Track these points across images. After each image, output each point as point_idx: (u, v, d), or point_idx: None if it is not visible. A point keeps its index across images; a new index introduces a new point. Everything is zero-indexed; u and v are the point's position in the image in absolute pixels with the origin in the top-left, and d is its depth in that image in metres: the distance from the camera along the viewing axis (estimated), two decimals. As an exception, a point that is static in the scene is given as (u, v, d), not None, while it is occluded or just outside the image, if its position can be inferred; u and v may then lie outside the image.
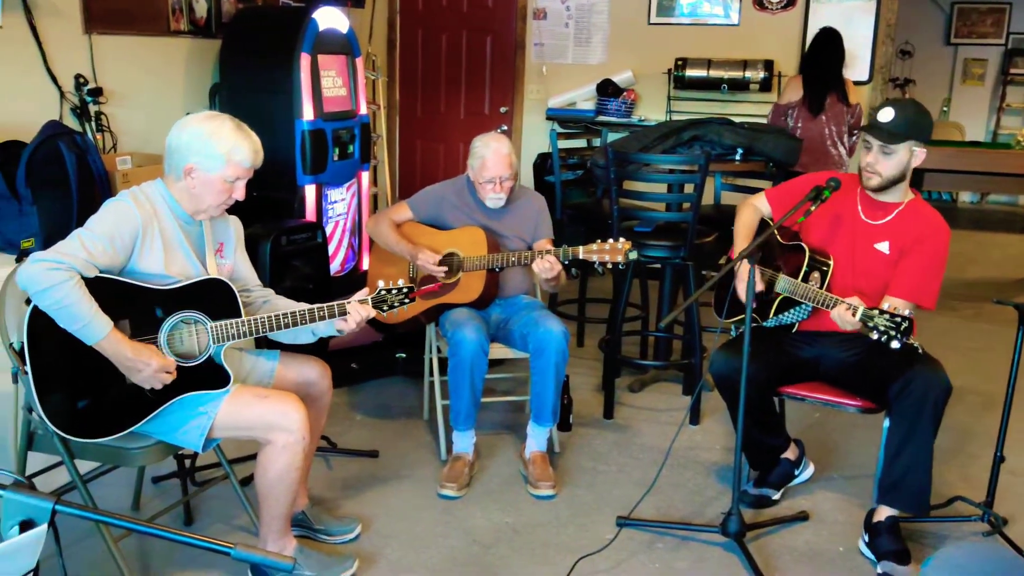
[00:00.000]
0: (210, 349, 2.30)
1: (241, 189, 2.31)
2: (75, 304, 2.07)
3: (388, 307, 2.47)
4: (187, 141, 2.24)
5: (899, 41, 9.02)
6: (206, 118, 2.28)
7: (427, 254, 3.16)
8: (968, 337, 4.91)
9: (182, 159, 2.25)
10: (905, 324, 2.35)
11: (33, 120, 3.16)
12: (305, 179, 4.25)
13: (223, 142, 2.24)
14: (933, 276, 2.67)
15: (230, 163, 2.25)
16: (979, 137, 9.43)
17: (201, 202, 2.30)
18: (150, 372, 2.17)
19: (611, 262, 2.94)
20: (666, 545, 2.76)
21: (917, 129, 2.62)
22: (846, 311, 2.48)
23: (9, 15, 3.37)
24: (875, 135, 2.63)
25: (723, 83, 5.75)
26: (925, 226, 2.70)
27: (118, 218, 2.20)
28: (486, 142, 3.16)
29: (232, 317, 2.31)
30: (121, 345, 2.14)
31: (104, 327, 2.11)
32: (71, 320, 2.08)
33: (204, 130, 2.24)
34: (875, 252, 2.75)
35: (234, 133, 2.26)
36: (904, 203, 2.75)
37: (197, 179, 2.26)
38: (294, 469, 2.33)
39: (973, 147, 7.95)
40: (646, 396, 3.98)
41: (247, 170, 2.29)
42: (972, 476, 3.23)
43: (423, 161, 6.77)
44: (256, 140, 2.32)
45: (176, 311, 2.26)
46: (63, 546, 1.27)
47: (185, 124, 2.27)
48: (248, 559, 1.21)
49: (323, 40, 4.26)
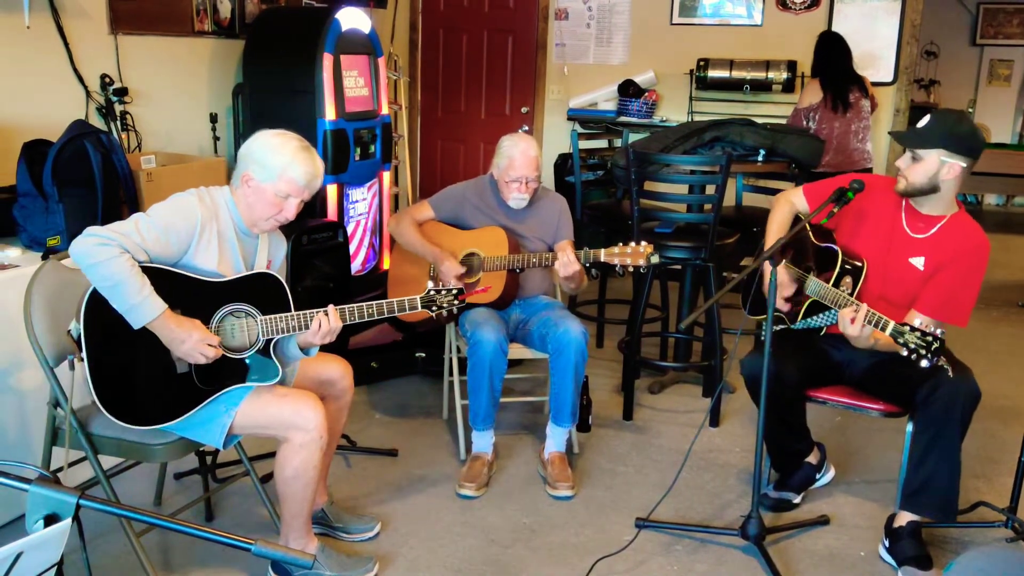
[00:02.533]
0: (259, 342, 2.33)
1: (292, 208, 2.32)
2: (125, 281, 2.09)
3: (437, 308, 2.50)
4: (252, 150, 2.29)
5: (924, 42, 8.94)
6: (276, 133, 2.32)
7: (451, 264, 3.16)
8: (993, 341, 4.85)
9: (244, 167, 2.30)
10: (936, 344, 2.26)
11: (60, 119, 3.20)
12: (327, 179, 4.27)
13: (281, 156, 2.27)
14: (966, 294, 2.59)
15: (282, 178, 2.27)
16: (1005, 139, 9.31)
17: (253, 212, 2.33)
18: (192, 344, 2.19)
19: (633, 265, 2.93)
20: (685, 547, 2.75)
21: (951, 139, 2.51)
22: (863, 326, 2.43)
23: (36, 16, 3.42)
24: (905, 139, 2.60)
25: (745, 84, 5.72)
26: (964, 241, 2.61)
27: (178, 212, 2.23)
28: (515, 142, 3.16)
29: (282, 311, 2.34)
30: (168, 321, 2.16)
31: (157, 307, 2.13)
32: (122, 297, 2.11)
33: (269, 143, 2.29)
34: (909, 266, 2.68)
35: (295, 151, 2.29)
36: (947, 217, 2.65)
37: (251, 188, 2.29)
38: (311, 467, 2.34)
39: (999, 149, 7.87)
40: (666, 398, 3.97)
41: (300, 189, 2.30)
42: (996, 481, 3.20)
43: (444, 161, 6.78)
44: (319, 164, 2.33)
45: (227, 303, 2.29)
46: (87, 540, 1.29)
47: (256, 136, 2.32)
48: (269, 555, 1.22)
49: (345, 40, 4.28)
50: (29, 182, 2.94)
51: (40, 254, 2.87)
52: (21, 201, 2.97)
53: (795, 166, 4.08)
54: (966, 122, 2.59)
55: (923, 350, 2.27)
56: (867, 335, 2.47)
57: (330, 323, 2.35)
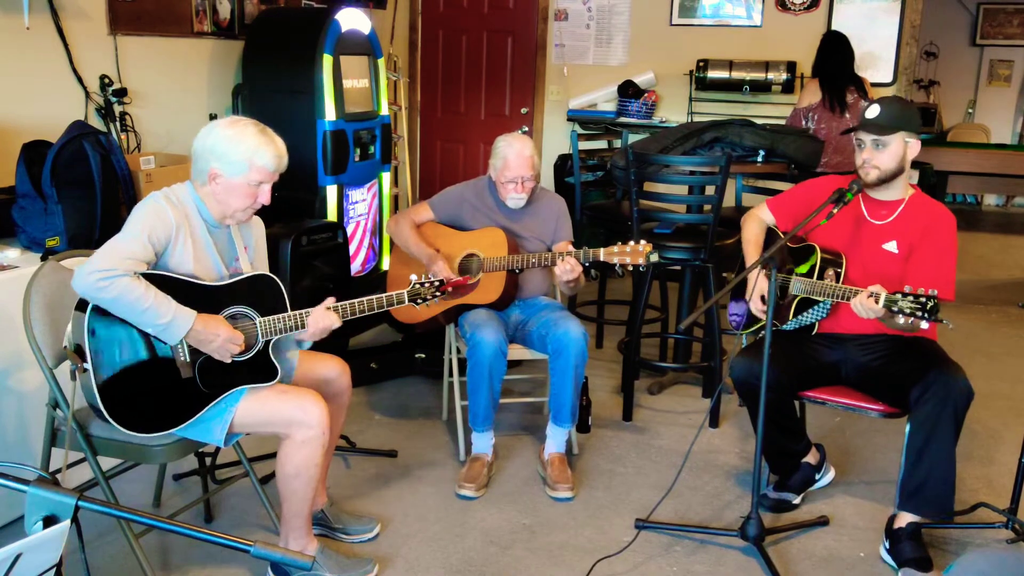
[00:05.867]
0: (259, 343, 2.33)
1: (266, 193, 2.32)
2: (150, 304, 2.10)
3: (422, 300, 2.54)
4: (211, 146, 2.26)
5: (924, 42, 8.93)
6: (230, 123, 2.29)
7: (441, 266, 3.16)
8: (993, 341, 4.85)
9: (206, 164, 2.27)
10: (931, 303, 2.34)
11: (59, 120, 3.20)
12: (326, 179, 4.27)
13: (245, 147, 2.25)
14: (946, 265, 2.67)
15: (253, 167, 2.26)
16: (1005, 139, 9.31)
17: (227, 207, 2.31)
18: (220, 342, 2.21)
19: (632, 264, 2.94)
20: (684, 548, 2.75)
21: (906, 120, 2.67)
22: (868, 298, 2.47)
23: (36, 16, 3.42)
24: (867, 131, 2.67)
25: (745, 84, 5.72)
26: (929, 218, 2.71)
27: (154, 218, 2.21)
28: (509, 142, 3.17)
29: (280, 312, 2.35)
30: (197, 324, 2.17)
31: (189, 317, 2.15)
32: (153, 320, 2.12)
33: (227, 135, 2.26)
34: (884, 252, 2.75)
35: (256, 137, 2.27)
36: (905, 199, 2.77)
37: (221, 184, 2.28)
38: (313, 465, 2.34)
39: (999, 149, 7.87)
40: (665, 399, 3.97)
41: (271, 174, 2.30)
42: (996, 482, 3.20)
43: (444, 162, 6.78)
44: (280, 144, 2.33)
45: (227, 307, 2.29)
46: (86, 541, 1.29)
47: (210, 129, 2.29)
48: (267, 557, 1.22)
49: (345, 41, 4.29)
50: (28, 183, 2.94)
51: (39, 255, 2.87)
52: (20, 202, 2.97)
53: (794, 167, 4.08)
54: (906, 102, 2.84)
55: (919, 310, 2.35)
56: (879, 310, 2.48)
57: (322, 322, 2.37)
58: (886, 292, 2.44)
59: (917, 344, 2.72)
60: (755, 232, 3.00)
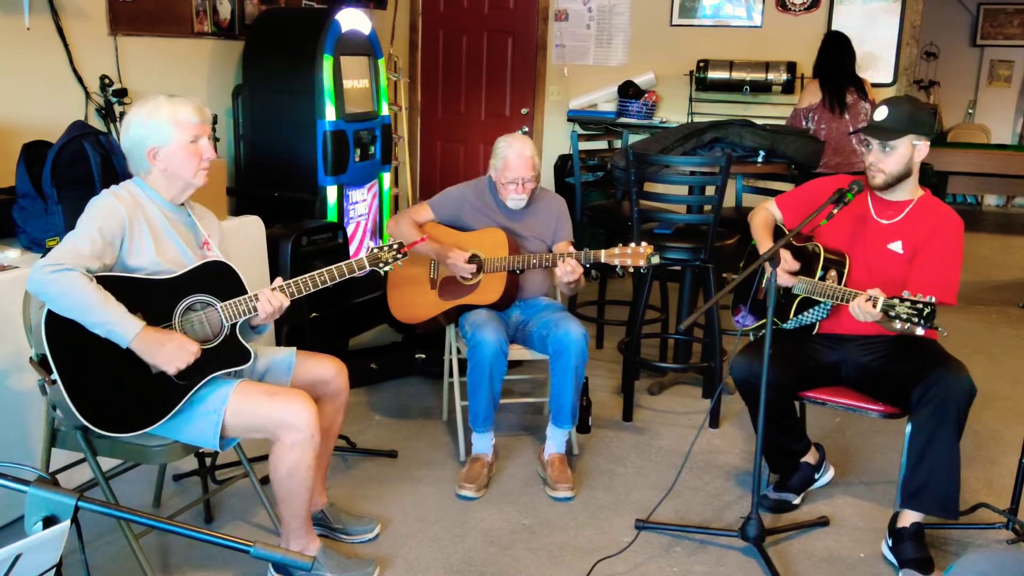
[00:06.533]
0: (225, 328, 2.33)
1: (208, 147, 2.34)
2: (95, 303, 2.08)
3: (384, 264, 2.58)
4: (135, 134, 2.29)
5: (924, 42, 8.93)
6: (139, 105, 2.32)
7: (457, 253, 3.16)
8: (993, 341, 4.85)
9: (141, 149, 2.29)
10: (928, 309, 2.33)
11: (59, 120, 3.20)
12: (327, 180, 4.27)
13: (163, 112, 2.28)
14: (950, 270, 2.66)
15: (179, 125, 2.28)
16: (1005, 140, 9.31)
17: (181, 177, 2.33)
18: (166, 356, 2.17)
19: (633, 266, 2.94)
20: (684, 549, 2.74)
21: (915, 123, 2.64)
22: (866, 303, 2.47)
23: (36, 17, 3.42)
24: (873, 134, 2.66)
25: (745, 85, 5.72)
26: (937, 221, 2.70)
27: (102, 213, 2.22)
28: (509, 143, 3.17)
29: (239, 294, 2.36)
30: (147, 334, 2.15)
31: (134, 327, 2.12)
32: (98, 321, 2.10)
33: (143, 114, 2.29)
34: (889, 252, 2.74)
35: (169, 102, 2.31)
36: (914, 200, 2.75)
37: (163, 158, 2.29)
38: (304, 467, 2.33)
39: (999, 150, 7.87)
40: (665, 399, 3.97)
41: (199, 125, 2.32)
42: (996, 482, 3.20)
43: (444, 162, 6.78)
44: (191, 99, 2.35)
45: (184, 297, 2.29)
46: (85, 542, 1.29)
47: (126, 123, 2.32)
48: (267, 557, 1.22)
49: (345, 41, 4.29)
50: (28, 183, 2.94)
51: (40, 255, 2.87)
52: (20, 202, 2.97)
53: (794, 167, 4.08)
54: (921, 104, 2.76)
55: (915, 316, 2.35)
56: (876, 314, 2.48)
57: (272, 304, 2.36)
58: (884, 296, 2.44)
59: (917, 344, 2.72)
60: (764, 219, 3.00)
